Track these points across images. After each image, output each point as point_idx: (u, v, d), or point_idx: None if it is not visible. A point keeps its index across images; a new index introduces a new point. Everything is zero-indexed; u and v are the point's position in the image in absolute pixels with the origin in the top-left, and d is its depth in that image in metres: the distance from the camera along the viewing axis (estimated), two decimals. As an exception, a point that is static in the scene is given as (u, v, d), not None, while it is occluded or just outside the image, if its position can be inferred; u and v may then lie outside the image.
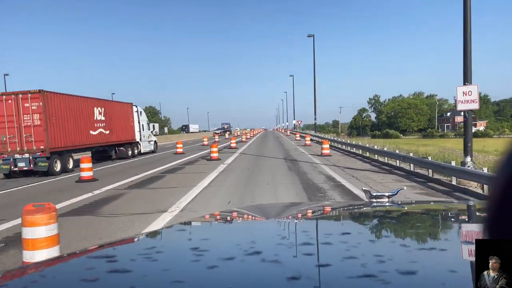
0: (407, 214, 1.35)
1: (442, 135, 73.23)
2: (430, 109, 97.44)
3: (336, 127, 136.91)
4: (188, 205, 7.12)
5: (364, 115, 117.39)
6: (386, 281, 0.60)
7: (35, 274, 0.73)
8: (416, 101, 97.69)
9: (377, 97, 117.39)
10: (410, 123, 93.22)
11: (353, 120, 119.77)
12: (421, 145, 26.75)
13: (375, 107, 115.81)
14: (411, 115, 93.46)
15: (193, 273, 0.68)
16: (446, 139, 62.61)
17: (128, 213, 6.64)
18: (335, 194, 7.91)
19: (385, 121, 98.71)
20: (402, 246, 0.87)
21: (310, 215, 1.47)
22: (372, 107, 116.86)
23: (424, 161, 9.91)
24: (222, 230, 1.28)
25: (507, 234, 0.40)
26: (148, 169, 13.42)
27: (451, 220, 1.25)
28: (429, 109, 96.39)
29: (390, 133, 77.88)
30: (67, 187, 10.37)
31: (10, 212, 7.01)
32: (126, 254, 0.89)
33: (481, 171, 7.41)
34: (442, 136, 71.17)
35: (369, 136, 79.28)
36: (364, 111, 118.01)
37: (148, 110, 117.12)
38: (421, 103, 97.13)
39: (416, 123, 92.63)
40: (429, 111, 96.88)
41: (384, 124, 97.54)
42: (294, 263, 0.72)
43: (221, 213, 1.74)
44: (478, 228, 1.03)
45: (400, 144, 22.95)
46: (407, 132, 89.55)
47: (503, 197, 0.39)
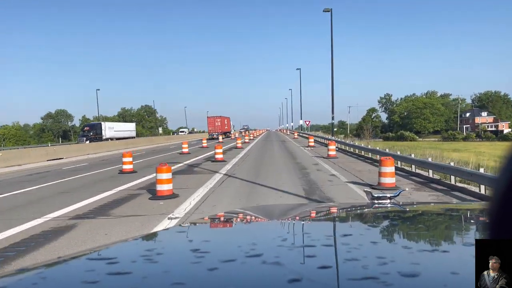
0: (408, 216, 1.40)
1: (466, 137, 70.02)
2: (446, 109, 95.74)
3: (342, 127, 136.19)
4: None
5: (373, 115, 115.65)
6: (388, 283, 0.63)
7: (35, 276, 0.77)
8: (432, 101, 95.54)
9: (388, 96, 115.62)
10: (426, 124, 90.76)
11: (362, 121, 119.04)
12: (451, 150, 24.70)
13: (386, 106, 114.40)
14: (427, 116, 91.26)
15: (193, 275, 0.71)
16: (471, 142, 59.93)
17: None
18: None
19: (398, 122, 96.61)
20: (404, 248, 0.90)
21: (311, 216, 1.52)
22: (383, 106, 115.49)
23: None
24: (223, 231, 1.34)
25: (507, 234, 0.41)
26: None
27: (453, 221, 1.29)
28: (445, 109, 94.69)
29: (405, 135, 74.49)
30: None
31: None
32: (126, 256, 0.93)
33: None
34: (465, 139, 67.95)
35: (381, 138, 77.40)
36: (374, 111, 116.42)
37: (144, 109, 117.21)
38: (437, 102, 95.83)
39: (432, 124, 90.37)
40: (446, 111, 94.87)
41: (396, 125, 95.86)
42: (295, 265, 0.75)
43: (222, 214, 1.78)
44: (479, 228, 1.07)
45: (424, 149, 20.65)
46: (422, 134, 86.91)
47: (504, 199, 0.41)
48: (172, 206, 7.42)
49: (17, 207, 7.99)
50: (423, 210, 1.54)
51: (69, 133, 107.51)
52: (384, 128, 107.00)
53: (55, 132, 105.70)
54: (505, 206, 0.41)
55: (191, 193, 8.77)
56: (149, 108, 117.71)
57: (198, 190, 9.20)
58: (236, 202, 7.69)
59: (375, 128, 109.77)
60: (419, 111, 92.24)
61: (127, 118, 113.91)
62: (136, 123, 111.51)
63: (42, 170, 16.50)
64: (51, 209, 7.54)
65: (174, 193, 8.46)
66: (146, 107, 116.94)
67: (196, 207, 7.34)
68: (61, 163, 19.69)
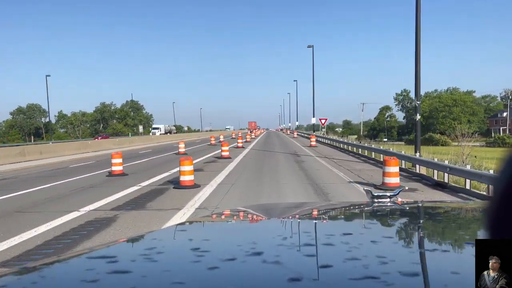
0: (408, 215, 1.50)
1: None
2: (480, 107, 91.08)
3: (347, 127, 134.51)
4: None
5: (387, 114, 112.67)
6: (388, 283, 0.69)
7: (34, 275, 0.84)
8: (465, 97, 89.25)
9: (406, 92, 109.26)
10: (457, 125, 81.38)
11: (375, 120, 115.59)
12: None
13: (403, 104, 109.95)
14: (457, 115, 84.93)
15: (193, 274, 0.78)
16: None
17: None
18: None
19: (421, 121, 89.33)
20: (404, 247, 0.99)
21: (312, 215, 1.62)
22: (400, 104, 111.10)
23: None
24: (223, 230, 1.43)
25: (507, 234, 0.46)
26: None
27: (453, 221, 1.38)
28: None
29: (435, 138, 65.54)
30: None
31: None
32: (126, 255, 1.01)
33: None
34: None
35: (402, 141, 72.58)
36: (388, 109, 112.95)
37: (129, 105, 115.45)
38: (468, 99, 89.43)
39: (464, 125, 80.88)
40: (481, 110, 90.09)
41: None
42: (295, 264, 0.83)
43: (222, 213, 1.87)
44: (479, 228, 1.15)
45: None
46: (448, 136, 79.18)
47: (504, 199, 0.46)
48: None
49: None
50: (423, 209, 1.63)
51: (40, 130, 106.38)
52: (401, 129, 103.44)
53: (26, 129, 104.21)
54: (505, 206, 0.45)
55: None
56: (134, 103, 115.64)
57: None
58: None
59: (391, 129, 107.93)
60: (448, 109, 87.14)
61: (106, 114, 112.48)
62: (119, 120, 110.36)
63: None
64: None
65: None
66: (132, 102, 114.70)
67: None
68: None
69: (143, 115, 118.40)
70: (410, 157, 13.89)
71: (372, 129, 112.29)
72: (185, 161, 10.88)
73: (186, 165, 10.83)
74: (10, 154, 21.37)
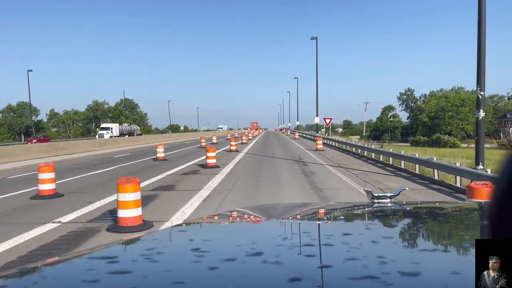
0: (409, 215, 1.53)
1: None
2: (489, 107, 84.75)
3: (347, 128, 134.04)
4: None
5: (390, 114, 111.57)
6: (388, 283, 0.71)
7: (35, 275, 0.87)
8: (473, 97, 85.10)
9: (410, 91, 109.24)
10: (465, 126, 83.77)
11: (378, 120, 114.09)
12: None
13: (407, 104, 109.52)
14: (465, 115, 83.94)
15: (194, 274, 0.81)
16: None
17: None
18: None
19: (427, 122, 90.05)
20: (404, 247, 1.02)
21: (312, 215, 1.66)
22: (404, 104, 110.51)
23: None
24: (223, 230, 1.47)
25: (507, 234, 0.48)
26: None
27: (453, 221, 1.41)
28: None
29: (443, 139, 63.51)
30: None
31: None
32: (126, 255, 1.04)
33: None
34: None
35: (407, 142, 71.05)
36: (391, 109, 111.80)
37: (123, 104, 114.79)
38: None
39: (472, 125, 74.99)
40: (490, 110, 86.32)
41: (422, 126, 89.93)
42: (296, 264, 0.85)
43: (222, 213, 1.90)
44: (479, 228, 1.18)
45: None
46: (455, 137, 74.11)
47: (504, 199, 0.48)
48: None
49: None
50: (424, 210, 1.67)
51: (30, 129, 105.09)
52: (405, 130, 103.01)
53: (16, 128, 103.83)
54: (505, 206, 0.47)
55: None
56: (129, 102, 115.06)
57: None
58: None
59: (394, 129, 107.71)
60: (455, 109, 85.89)
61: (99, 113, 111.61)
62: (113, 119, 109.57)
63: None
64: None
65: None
66: (126, 101, 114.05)
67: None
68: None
69: (137, 114, 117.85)
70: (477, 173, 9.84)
71: (375, 130, 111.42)
72: (128, 185, 6.63)
73: (128, 191, 6.63)
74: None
